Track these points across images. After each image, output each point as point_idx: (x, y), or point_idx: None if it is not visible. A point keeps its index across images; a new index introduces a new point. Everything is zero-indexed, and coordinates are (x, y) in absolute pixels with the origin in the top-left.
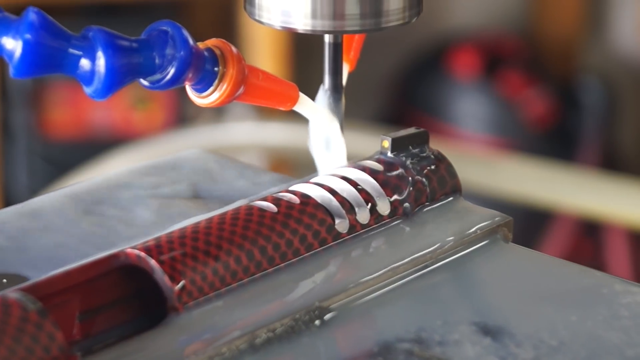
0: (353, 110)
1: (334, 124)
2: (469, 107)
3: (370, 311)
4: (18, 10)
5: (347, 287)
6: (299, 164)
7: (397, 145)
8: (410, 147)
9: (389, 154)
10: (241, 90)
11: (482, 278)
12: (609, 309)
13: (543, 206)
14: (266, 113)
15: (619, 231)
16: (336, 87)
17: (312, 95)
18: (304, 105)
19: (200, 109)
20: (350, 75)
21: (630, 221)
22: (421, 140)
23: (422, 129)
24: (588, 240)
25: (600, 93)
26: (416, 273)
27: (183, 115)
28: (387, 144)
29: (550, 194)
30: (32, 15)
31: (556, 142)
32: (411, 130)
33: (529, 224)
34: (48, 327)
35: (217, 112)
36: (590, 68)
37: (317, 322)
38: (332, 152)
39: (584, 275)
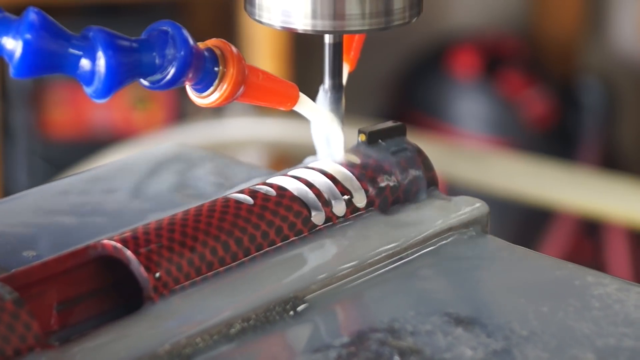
0: (353, 110)
1: (334, 124)
2: (469, 107)
3: (343, 302)
4: (18, 10)
5: (321, 279)
6: (298, 160)
7: (375, 138)
8: (388, 141)
9: (367, 147)
10: (241, 90)
11: (456, 269)
12: (581, 300)
13: (543, 206)
14: (265, 109)
15: (619, 231)
16: (336, 87)
17: (312, 95)
18: (304, 105)
19: (200, 109)
20: (350, 75)
21: (630, 221)
22: (399, 133)
23: (399, 123)
24: (588, 240)
25: (600, 93)
26: (391, 265)
27: (183, 115)
28: (364, 137)
29: (550, 193)
30: (32, 15)
31: (556, 142)
32: (388, 123)
33: (528, 224)
34: (24, 317)
35: (216, 110)
36: (590, 68)
37: (291, 312)
38: (332, 150)
39: (556, 267)
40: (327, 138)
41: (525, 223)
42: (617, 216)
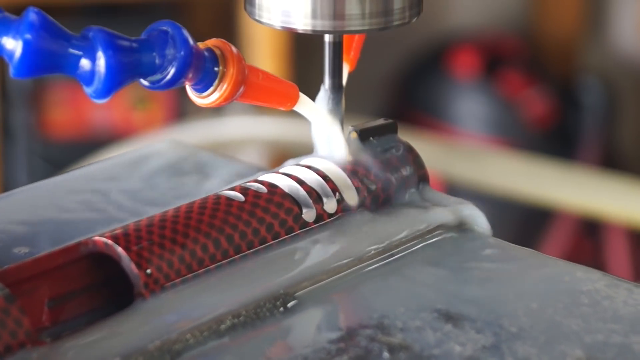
0: (353, 110)
1: (334, 124)
2: (469, 107)
3: (333, 298)
4: (18, 10)
5: (311, 275)
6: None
7: (366, 136)
8: (379, 138)
9: (358, 144)
10: (241, 90)
11: (446, 266)
12: (570, 296)
13: (543, 205)
14: (264, 108)
15: (619, 231)
16: (336, 87)
17: (312, 95)
18: (304, 105)
19: (199, 109)
20: (350, 75)
21: (630, 220)
22: (390, 131)
23: (390, 120)
24: (588, 240)
25: (600, 93)
26: (381, 262)
27: (183, 115)
28: (355, 134)
29: (550, 193)
30: (32, 15)
31: (556, 142)
32: (380, 121)
33: (528, 224)
34: (15, 313)
35: (216, 109)
36: (590, 68)
37: (281, 308)
38: (333, 151)
39: (546, 264)
40: (327, 138)
41: (525, 223)
42: (617, 216)
